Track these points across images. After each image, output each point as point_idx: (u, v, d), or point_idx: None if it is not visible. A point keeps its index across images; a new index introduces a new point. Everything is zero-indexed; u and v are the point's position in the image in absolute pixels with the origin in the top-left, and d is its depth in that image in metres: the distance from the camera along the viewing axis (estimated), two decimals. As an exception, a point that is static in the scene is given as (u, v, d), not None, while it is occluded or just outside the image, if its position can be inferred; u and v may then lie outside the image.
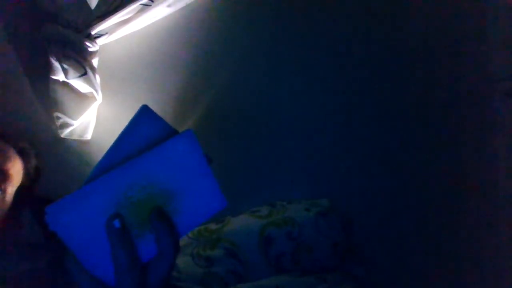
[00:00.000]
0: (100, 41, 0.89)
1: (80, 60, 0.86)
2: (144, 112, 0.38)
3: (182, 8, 0.95)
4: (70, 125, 0.90)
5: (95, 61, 0.90)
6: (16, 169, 0.65)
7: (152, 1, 0.88)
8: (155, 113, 0.39)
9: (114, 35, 0.90)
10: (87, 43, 0.86)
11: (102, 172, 0.37)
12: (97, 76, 0.90)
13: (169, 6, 0.92)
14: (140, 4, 0.87)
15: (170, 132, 0.39)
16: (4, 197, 0.61)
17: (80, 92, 0.90)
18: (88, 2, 0.84)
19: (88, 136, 0.94)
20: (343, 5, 1.06)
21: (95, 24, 0.85)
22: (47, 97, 0.89)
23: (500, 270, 1.07)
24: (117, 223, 0.37)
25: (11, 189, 0.63)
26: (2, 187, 0.61)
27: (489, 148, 1.11)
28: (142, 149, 0.38)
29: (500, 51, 1.10)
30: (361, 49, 1.08)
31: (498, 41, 1.10)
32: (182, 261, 0.78)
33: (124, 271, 0.37)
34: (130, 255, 0.38)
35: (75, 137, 0.93)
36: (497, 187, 1.10)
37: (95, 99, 0.91)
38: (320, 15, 1.06)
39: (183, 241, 0.83)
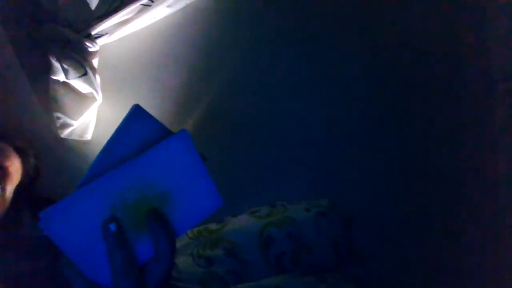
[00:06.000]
0: (100, 41, 0.89)
1: (80, 60, 0.86)
2: (136, 112, 0.37)
3: (182, 8, 0.95)
4: (70, 125, 0.90)
5: (95, 61, 0.90)
6: (15, 167, 0.65)
7: (152, 1, 0.88)
8: (148, 112, 0.38)
9: (114, 35, 0.90)
10: (87, 43, 0.86)
11: (95, 175, 0.36)
12: (97, 76, 0.90)
13: (169, 6, 0.92)
14: (140, 4, 0.87)
15: (163, 132, 0.38)
16: (4, 195, 0.61)
17: (80, 92, 0.90)
18: (88, 2, 0.84)
19: (88, 136, 0.94)
20: (344, 5, 1.06)
21: (95, 24, 0.85)
22: (47, 97, 0.89)
23: (501, 271, 1.07)
24: (112, 227, 0.37)
25: (10, 187, 0.63)
26: (2, 184, 0.61)
27: (489, 148, 1.11)
28: (135, 150, 0.37)
29: (500, 51, 1.10)
30: (362, 48, 1.08)
31: (498, 41, 1.10)
32: (182, 261, 0.78)
33: (121, 274, 0.37)
34: (127, 257, 0.37)
35: (75, 137, 0.93)
36: (498, 187, 1.10)
37: (95, 99, 0.91)
38: (321, 15, 1.06)
39: (183, 241, 0.83)
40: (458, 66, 1.11)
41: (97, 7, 0.85)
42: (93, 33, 0.86)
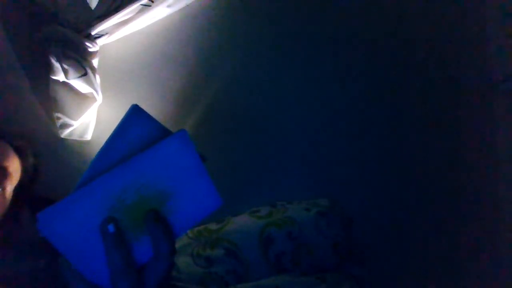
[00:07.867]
0: (100, 41, 0.89)
1: (80, 60, 0.86)
2: (135, 112, 0.37)
3: (182, 9, 0.95)
4: (70, 125, 0.90)
5: (95, 62, 0.90)
6: (15, 167, 0.65)
7: (152, 2, 0.88)
8: (147, 112, 0.38)
9: (114, 36, 0.90)
10: (87, 43, 0.86)
11: (94, 175, 0.36)
12: (97, 77, 0.90)
13: (169, 6, 0.92)
14: (140, 4, 0.87)
15: (162, 132, 0.38)
16: (4, 194, 0.61)
17: (80, 93, 0.90)
18: (88, 2, 0.84)
19: (88, 136, 0.94)
20: (343, 4, 1.06)
21: (95, 24, 0.85)
22: (47, 97, 0.89)
23: (500, 271, 1.07)
24: (111, 228, 0.36)
25: (10, 186, 0.63)
26: (2, 184, 0.61)
27: (490, 148, 1.11)
28: (134, 150, 0.37)
29: (500, 51, 1.10)
30: (363, 48, 1.08)
31: (498, 41, 1.10)
32: (182, 261, 0.78)
33: (120, 275, 0.37)
34: (126, 258, 0.37)
35: (75, 137, 0.93)
36: (498, 187, 1.10)
37: (95, 100, 0.91)
38: (321, 15, 1.06)
39: (183, 241, 0.83)
40: (458, 66, 1.11)
41: (97, 7, 0.85)
42: (93, 33, 0.86)
